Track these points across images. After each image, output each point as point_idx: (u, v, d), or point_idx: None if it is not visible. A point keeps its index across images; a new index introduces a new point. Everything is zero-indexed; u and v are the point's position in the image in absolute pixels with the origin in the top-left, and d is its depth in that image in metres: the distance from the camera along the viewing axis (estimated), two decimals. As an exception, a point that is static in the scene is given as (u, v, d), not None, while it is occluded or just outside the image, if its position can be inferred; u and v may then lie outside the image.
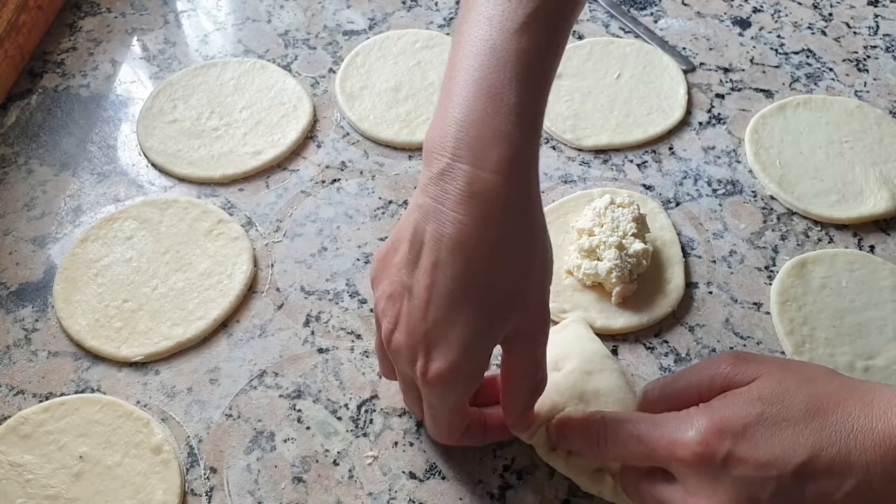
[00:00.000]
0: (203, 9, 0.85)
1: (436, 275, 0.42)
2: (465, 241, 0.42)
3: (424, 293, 0.43)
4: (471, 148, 0.42)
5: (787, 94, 0.78)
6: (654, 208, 0.67)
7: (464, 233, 0.42)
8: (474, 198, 0.42)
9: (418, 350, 0.44)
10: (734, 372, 0.43)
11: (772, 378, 0.42)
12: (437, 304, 0.43)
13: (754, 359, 0.43)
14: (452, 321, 0.43)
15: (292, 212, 0.68)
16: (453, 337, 0.43)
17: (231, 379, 0.58)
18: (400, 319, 0.45)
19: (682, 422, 0.42)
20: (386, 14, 0.84)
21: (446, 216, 0.42)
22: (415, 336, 0.44)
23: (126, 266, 0.63)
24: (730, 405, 0.41)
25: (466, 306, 0.43)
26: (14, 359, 0.59)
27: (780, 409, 0.40)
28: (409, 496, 0.53)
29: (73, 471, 0.53)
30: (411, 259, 0.44)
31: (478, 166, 0.42)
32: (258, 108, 0.74)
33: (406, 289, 0.44)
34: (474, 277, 0.42)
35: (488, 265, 0.42)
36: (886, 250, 0.67)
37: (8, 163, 0.70)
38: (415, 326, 0.44)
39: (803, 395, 0.41)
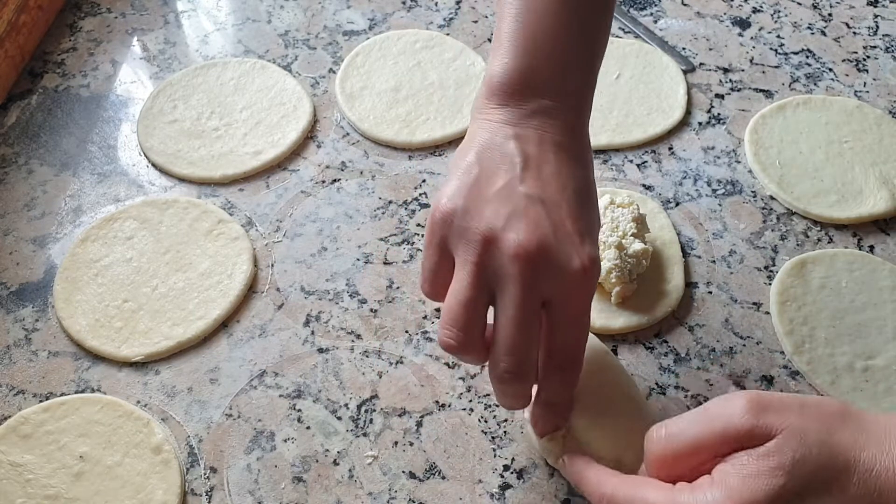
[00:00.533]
0: (203, 9, 0.85)
1: (564, 181, 0.46)
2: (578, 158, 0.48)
3: (560, 195, 0.46)
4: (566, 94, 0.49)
5: (786, 94, 0.78)
6: (653, 208, 0.67)
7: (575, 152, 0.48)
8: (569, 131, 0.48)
9: (569, 245, 0.45)
10: (751, 425, 0.39)
11: (793, 437, 0.38)
12: (574, 203, 0.46)
13: (770, 406, 0.39)
14: (588, 214, 0.47)
15: (292, 212, 0.68)
16: (591, 227, 0.47)
17: (231, 379, 0.58)
18: (538, 223, 0.44)
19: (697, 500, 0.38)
20: (386, 14, 0.84)
21: (555, 139, 0.47)
22: (565, 232, 0.45)
23: (126, 266, 0.63)
24: (749, 480, 0.37)
25: (592, 202, 0.48)
26: (14, 359, 0.59)
27: (801, 478, 0.37)
28: (409, 496, 0.53)
29: (74, 471, 0.53)
30: (532, 173, 0.46)
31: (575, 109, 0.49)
32: (258, 109, 0.74)
33: (535, 198, 0.45)
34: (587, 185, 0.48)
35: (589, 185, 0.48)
36: (886, 250, 0.67)
37: (8, 163, 0.70)
38: (561, 224, 0.45)
39: (825, 455, 0.38)
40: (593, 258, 0.45)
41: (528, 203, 0.45)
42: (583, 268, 0.44)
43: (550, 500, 0.53)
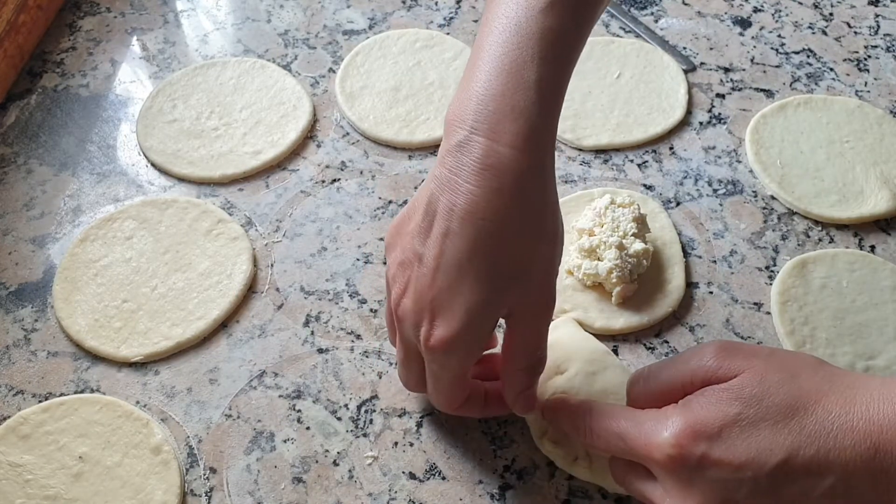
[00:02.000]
0: (203, 8, 0.84)
1: (445, 244, 0.44)
2: (476, 212, 0.43)
3: (433, 261, 0.44)
4: (488, 122, 0.43)
5: (787, 93, 0.78)
6: (654, 208, 0.67)
7: (475, 204, 0.43)
8: (488, 170, 0.43)
9: (423, 316, 0.45)
10: (717, 366, 0.42)
11: (754, 375, 0.41)
12: (445, 273, 0.44)
13: (739, 351, 0.42)
14: (458, 290, 0.44)
15: (292, 212, 0.68)
16: (457, 305, 0.44)
17: (231, 379, 0.58)
18: (409, 286, 0.46)
19: (659, 422, 0.42)
20: (386, 14, 0.84)
21: (460, 187, 0.43)
22: (421, 302, 0.45)
23: (126, 266, 0.63)
24: (707, 405, 0.41)
25: (473, 276, 0.43)
26: (13, 359, 0.59)
27: (758, 409, 0.40)
28: (409, 496, 0.53)
29: (73, 471, 0.53)
30: (424, 228, 0.45)
31: (494, 140, 0.43)
32: (258, 108, 0.74)
33: (417, 256, 0.45)
34: (482, 248, 0.43)
35: (497, 237, 0.43)
36: (887, 250, 0.67)
37: (7, 163, 0.70)
38: (422, 293, 0.45)
39: (784, 394, 0.40)
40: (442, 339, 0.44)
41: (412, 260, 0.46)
42: (426, 344, 0.45)
43: (551, 501, 0.53)
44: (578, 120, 0.74)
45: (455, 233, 0.43)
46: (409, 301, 0.46)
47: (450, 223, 0.43)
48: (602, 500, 0.53)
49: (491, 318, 0.46)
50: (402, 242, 0.47)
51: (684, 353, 0.45)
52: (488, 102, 0.43)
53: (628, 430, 0.44)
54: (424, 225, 0.45)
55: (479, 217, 0.43)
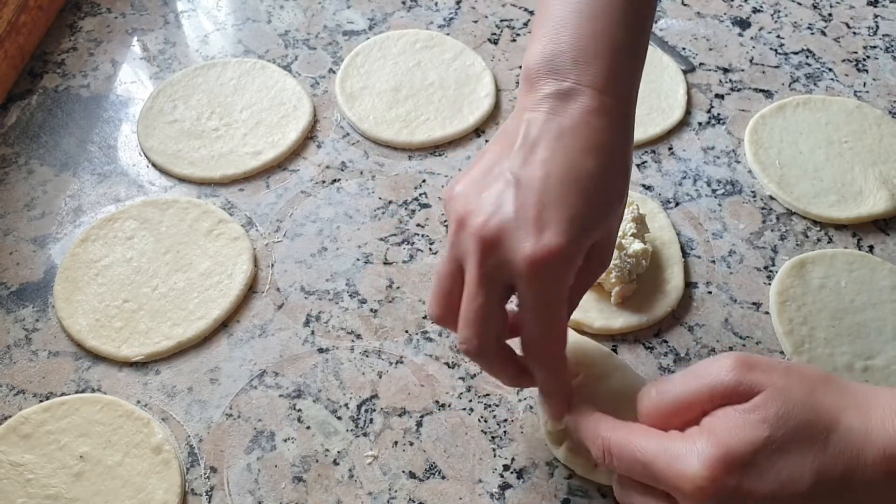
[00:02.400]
0: (203, 9, 0.85)
1: (549, 165, 0.44)
2: (579, 142, 0.45)
3: (538, 181, 0.44)
4: (589, 75, 0.46)
5: (786, 94, 0.78)
6: (653, 208, 0.68)
7: (579, 135, 0.45)
8: (591, 113, 0.46)
9: (527, 229, 0.43)
10: (736, 382, 0.40)
11: (777, 393, 0.39)
12: (553, 189, 0.44)
13: (757, 366, 0.41)
14: (563, 203, 0.44)
15: (292, 212, 0.68)
16: (566, 216, 0.44)
17: (231, 379, 0.58)
18: (502, 206, 0.44)
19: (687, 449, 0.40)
20: (386, 14, 0.84)
21: (563, 123, 0.45)
22: (524, 215, 0.44)
23: (126, 266, 0.63)
24: (735, 430, 0.39)
25: (577, 193, 0.44)
26: (14, 359, 0.59)
27: (786, 430, 0.39)
28: (409, 496, 0.53)
29: (74, 471, 0.53)
30: (521, 156, 0.45)
31: (600, 90, 0.46)
32: (258, 109, 0.74)
33: (512, 181, 0.45)
34: (584, 174, 0.45)
35: (600, 165, 0.45)
36: (885, 250, 0.67)
37: (8, 163, 0.71)
38: (525, 207, 0.44)
39: (807, 412, 0.39)
40: (550, 249, 0.43)
41: (503, 185, 0.45)
42: (533, 257, 0.43)
43: (550, 500, 0.53)
44: (578, 120, 0.74)
45: (559, 156, 0.45)
46: (507, 216, 0.44)
47: (554, 150, 0.45)
48: (602, 499, 0.53)
49: (589, 238, 0.46)
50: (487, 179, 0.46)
51: (698, 366, 0.43)
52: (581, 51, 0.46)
53: (654, 457, 0.41)
54: (521, 155, 0.45)
55: (582, 149, 0.45)
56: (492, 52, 0.81)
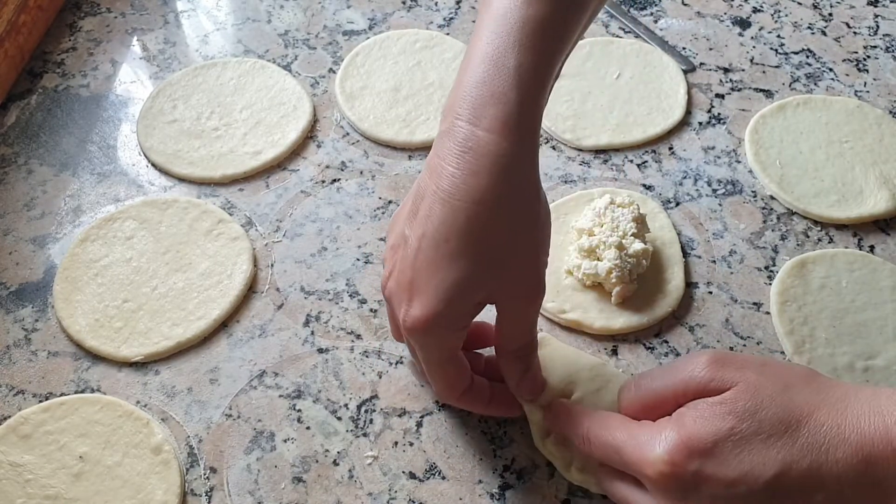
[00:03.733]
0: (203, 9, 0.85)
1: (427, 225, 0.44)
2: (455, 193, 0.43)
3: (416, 242, 0.45)
4: (471, 108, 0.44)
5: (787, 94, 0.78)
6: (654, 208, 0.67)
7: (455, 185, 0.44)
8: (467, 153, 0.43)
9: (403, 297, 0.46)
10: (709, 377, 0.42)
11: (747, 388, 0.41)
12: (425, 253, 0.44)
13: (732, 362, 0.42)
14: (435, 270, 0.44)
15: (292, 212, 0.68)
16: (433, 286, 0.44)
17: (231, 379, 0.58)
18: (395, 267, 0.47)
19: (653, 436, 0.42)
20: (386, 14, 0.84)
21: (444, 170, 0.44)
22: (402, 282, 0.46)
23: (126, 266, 0.63)
24: (700, 419, 0.40)
25: (450, 257, 0.44)
26: (14, 359, 0.59)
27: (751, 423, 0.40)
28: (409, 496, 0.53)
29: (73, 471, 0.53)
30: (412, 211, 0.46)
31: (474, 124, 0.44)
32: (258, 108, 0.74)
33: (404, 239, 0.46)
34: (460, 230, 0.44)
35: (475, 219, 0.44)
36: (886, 250, 0.67)
37: (8, 163, 0.70)
38: (403, 273, 0.46)
39: (777, 406, 0.40)
40: (416, 318, 0.45)
41: (399, 243, 0.47)
42: (406, 325, 0.46)
43: (550, 501, 0.53)
44: (578, 120, 0.74)
45: (436, 214, 0.44)
46: (393, 282, 0.47)
47: (433, 205, 0.44)
48: (602, 500, 0.53)
49: (468, 299, 0.45)
50: (396, 228, 0.49)
51: (676, 361, 0.45)
52: (472, 89, 0.44)
53: (623, 442, 0.43)
54: (413, 209, 0.46)
55: (457, 198, 0.43)
56: (492, 51, 0.80)
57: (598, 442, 0.46)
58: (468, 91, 0.44)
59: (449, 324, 0.46)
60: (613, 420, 0.46)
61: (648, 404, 0.45)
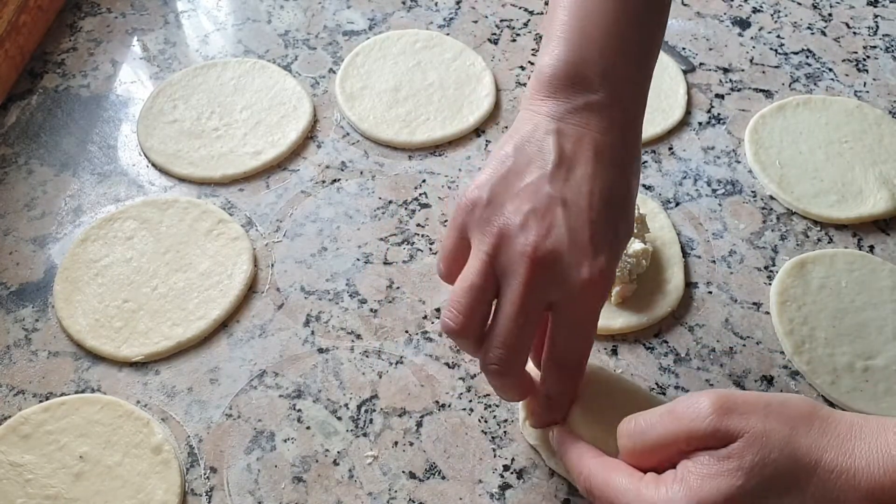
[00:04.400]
0: (203, 9, 0.85)
1: (592, 184, 0.45)
2: (619, 161, 0.47)
3: (586, 200, 0.45)
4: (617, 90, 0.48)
5: (786, 94, 0.78)
6: (653, 208, 0.67)
7: (617, 154, 0.47)
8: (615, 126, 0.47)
9: (583, 252, 0.44)
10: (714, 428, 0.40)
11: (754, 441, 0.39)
12: (599, 210, 0.45)
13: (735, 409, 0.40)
14: (612, 224, 0.46)
15: (292, 212, 0.68)
16: (610, 239, 0.46)
17: (231, 379, 0.58)
18: (554, 227, 0.44)
19: (659, 497, 0.40)
20: (386, 14, 0.84)
21: (599, 141, 0.47)
22: (580, 239, 0.45)
23: (126, 266, 0.63)
24: (708, 479, 0.39)
25: (620, 213, 0.47)
26: (14, 359, 0.59)
27: (760, 480, 0.38)
28: (409, 496, 0.53)
29: (74, 471, 0.53)
30: (562, 173, 0.46)
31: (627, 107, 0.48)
32: (258, 109, 0.74)
33: (558, 199, 0.45)
34: (622, 195, 0.47)
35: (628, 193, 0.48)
36: (886, 250, 0.67)
37: (8, 163, 0.70)
38: (578, 230, 0.45)
39: (785, 458, 0.38)
40: (603, 271, 0.44)
41: (550, 204, 0.45)
42: (590, 279, 0.44)
43: (550, 501, 0.53)
44: (578, 120, 0.74)
45: (602, 175, 0.46)
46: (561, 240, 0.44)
47: (596, 166, 0.46)
48: None
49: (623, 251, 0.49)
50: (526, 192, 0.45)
51: (677, 404, 0.42)
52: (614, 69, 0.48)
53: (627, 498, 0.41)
54: (561, 171, 0.46)
55: (620, 165, 0.47)
56: (492, 52, 0.81)
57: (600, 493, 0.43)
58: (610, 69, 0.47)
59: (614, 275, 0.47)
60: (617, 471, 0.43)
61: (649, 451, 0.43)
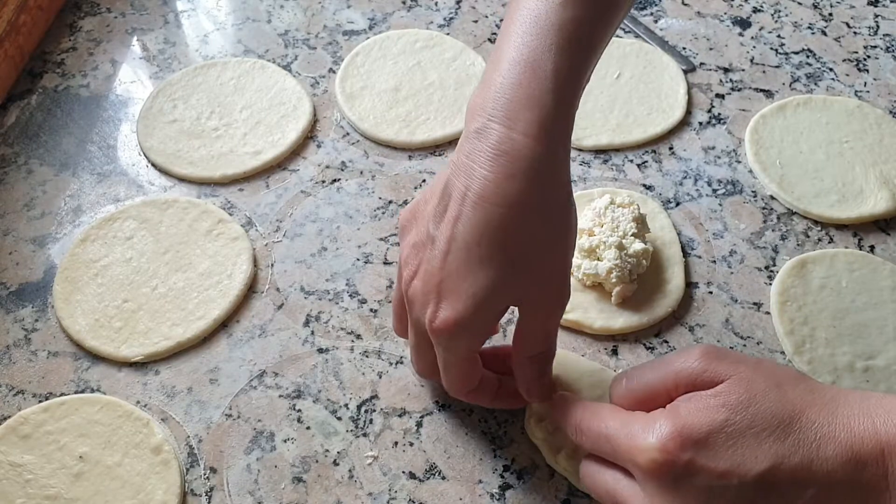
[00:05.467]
0: (203, 9, 0.85)
1: (457, 227, 0.44)
2: (488, 197, 0.44)
3: (445, 244, 0.45)
4: (505, 110, 0.44)
5: (787, 94, 0.78)
6: (654, 208, 0.67)
7: (487, 189, 0.43)
8: (502, 156, 0.43)
9: (430, 298, 0.46)
10: (702, 369, 0.42)
11: (741, 382, 0.41)
12: (455, 256, 0.44)
13: (725, 357, 0.42)
14: (466, 274, 0.44)
15: (292, 212, 0.68)
16: (464, 289, 0.45)
17: (231, 379, 0.58)
18: (420, 267, 0.47)
19: (646, 426, 0.41)
20: (386, 14, 0.84)
21: (475, 172, 0.44)
22: (429, 284, 0.45)
23: (126, 266, 0.63)
24: (695, 411, 0.40)
25: (481, 262, 0.44)
26: (14, 359, 0.59)
27: (744, 416, 0.40)
28: (409, 496, 0.53)
29: (73, 471, 0.53)
30: (439, 211, 0.46)
31: (510, 127, 0.44)
32: (258, 108, 0.74)
33: (430, 239, 0.46)
34: (492, 233, 0.44)
35: (507, 224, 0.44)
36: (886, 250, 0.67)
37: (8, 163, 0.70)
38: (431, 274, 0.45)
39: (770, 401, 0.40)
40: (446, 320, 0.45)
41: (423, 242, 0.47)
42: (433, 328, 0.46)
43: (550, 501, 0.53)
44: (578, 120, 0.72)
45: (467, 217, 0.44)
46: (418, 282, 0.47)
47: (462, 207, 0.44)
48: (602, 499, 0.53)
49: (497, 304, 0.46)
50: (418, 225, 0.48)
51: (669, 355, 0.44)
52: (506, 91, 0.44)
53: (615, 431, 0.43)
54: (440, 209, 0.46)
55: (490, 202, 0.43)
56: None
57: (589, 432, 0.45)
58: (501, 93, 0.44)
59: (476, 327, 0.46)
60: (606, 410, 0.45)
61: (639, 396, 0.45)
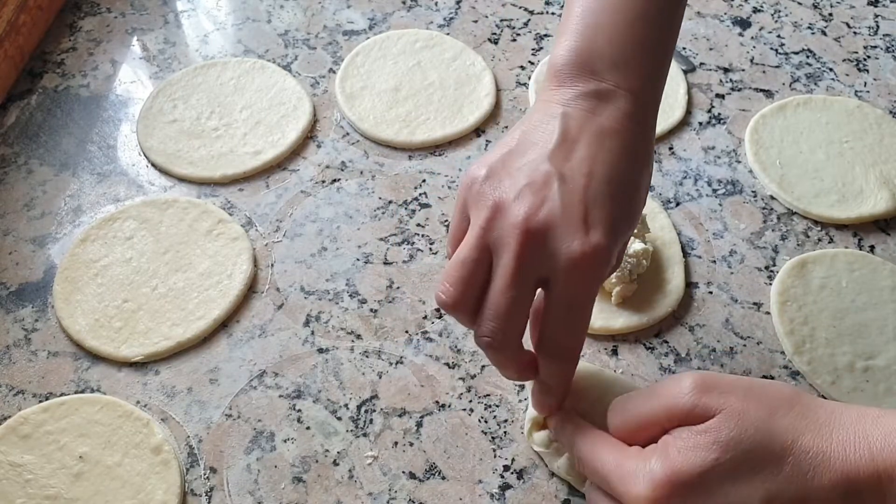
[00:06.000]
0: (203, 9, 0.85)
1: (592, 164, 0.45)
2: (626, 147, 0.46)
3: (584, 178, 0.45)
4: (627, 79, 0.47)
5: (787, 94, 0.78)
6: (654, 208, 0.67)
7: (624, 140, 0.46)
8: (628, 117, 0.47)
9: (575, 226, 0.44)
10: (693, 404, 0.41)
11: (731, 417, 0.40)
12: (596, 188, 0.45)
13: (715, 387, 0.41)
14: (607, 204, 0.45)
15: (292, 212, 0.68)
16: (605, 217, 0.45)
17: (231, 379, 0.58)
18: (548, 200, 0.44)
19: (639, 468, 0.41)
20: (386, 14, 0.84)
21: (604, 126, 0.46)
22: (573, 215, 0.44)
23: (126, 266, 0.63)
24: (684, 451, 0.40)
25: (619, 197, 0.46)
26: (14, 359, 0.59)
27: (735, 454, 0.39)
28: (409, 496, 0.53)
29: (73, 471, 0.53)
30: (563, 152, 0.46)
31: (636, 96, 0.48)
32: (258, 108, 0.74)
33: (555, 175, 0.45)
34: (623, 179, 0.46)
35: (631, 179, 0.47)
36: (886, 250, 0.67)
37: (8, 163, 0.70)
38: (571, 206, 0.44)
39: (761, 435, 0.39)
40: (597, 249, 0.43)
41: (547, 179, 0.45)
42: (581, 255, 0.43)
43: (550, 501, 0.53)
44: (578, 120, 0.74)
45: (603, 159, 0.46)
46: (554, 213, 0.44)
47: (598, 149, 0.46)
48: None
49: (623, 240, 0.47)
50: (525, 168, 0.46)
51: (661, 384, 0.43)
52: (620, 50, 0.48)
53: (611, 472, 0.43)
54: (563, 150, 0.46)
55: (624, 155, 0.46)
56: (492, 52, 0.81)
57: (588, 465, 0.45)
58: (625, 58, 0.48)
59: (611, 257, 0.46)
60: (603, 445, 0.45)
61: (633, 428, 0.44)
